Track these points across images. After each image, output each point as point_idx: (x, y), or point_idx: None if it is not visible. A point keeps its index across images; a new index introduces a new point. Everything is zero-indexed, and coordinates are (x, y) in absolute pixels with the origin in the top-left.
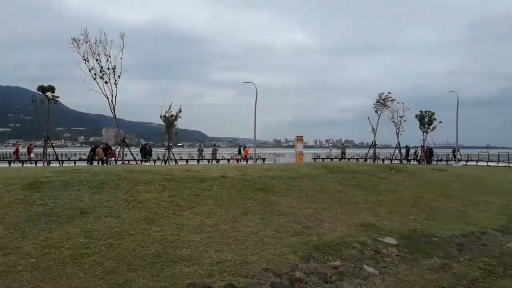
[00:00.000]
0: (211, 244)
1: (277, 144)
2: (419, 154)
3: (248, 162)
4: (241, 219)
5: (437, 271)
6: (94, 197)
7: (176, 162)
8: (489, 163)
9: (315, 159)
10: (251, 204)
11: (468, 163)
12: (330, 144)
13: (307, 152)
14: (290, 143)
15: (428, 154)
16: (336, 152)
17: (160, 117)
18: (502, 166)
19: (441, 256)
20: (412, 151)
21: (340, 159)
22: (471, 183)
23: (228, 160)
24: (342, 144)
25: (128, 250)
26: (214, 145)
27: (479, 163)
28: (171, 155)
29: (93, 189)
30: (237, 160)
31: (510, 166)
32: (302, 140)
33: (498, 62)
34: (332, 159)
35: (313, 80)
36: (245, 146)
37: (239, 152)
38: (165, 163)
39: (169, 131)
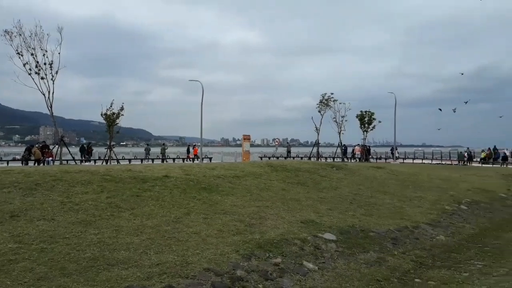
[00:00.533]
0: (151, 245)
1: (225, 143)
2: (356, 153)
3: (195, 162)
4: (184, 219)
5: (373, 264)
6: (26, 200)
7: (118, 162)
8: (424, 161)
9: (261, 157)
10: (194, 204)
11: (405, 161)
12: (276, 143)
13: (254, 151)
14: (238, 142)
15: (366, 152)
16: (282, 151)
17: (101, 115)
18: (435, 164)
19: (377, 250)
20: (349, 150)
21: (285, 158)
22: (406, 180)
23: (183, 159)
24: (287, 143)
25: (62, 254)
26: (164, 144)
27: (415, 161)
28: (113, 155)
29: (25, 191)
30: (183, 159)
31: (442, 164)
32: (249, 139)
33: (433, 65)
34: (278, 157)
35: (261, 79)
36: (195, 145)
37: (188, 151)
38: (106, 163)
39: (110, 129)
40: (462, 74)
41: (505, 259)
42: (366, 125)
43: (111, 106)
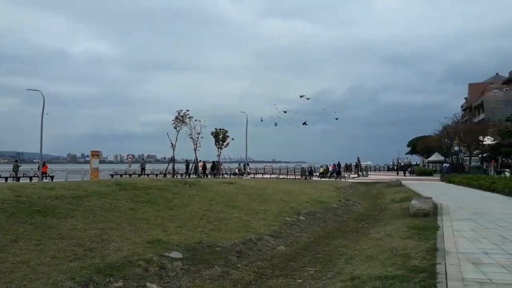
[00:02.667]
0: None
1: (72, 159)
2: (200, 169)
3: (33, 181)
4: (10, 247)
5: (217, 279)
6: None
7: None
8: (272, 176)
9: (112, 175)
10: (24, 229)
11: (255, 176)
12: (129, 159)
13: (104, 168)
14: (88, 158)
15: (204, 168)
16: (136, 167)
17: None
18: (281, 178)
19: (221, 265)
20: (191, 166)
21: (139, 175)
22: (254, 194)
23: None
24: (143, 159)
25: None
26: (16, 160)
27: (264, 176)
28: None
29: None
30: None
31: (287, 178)
32: (99, 155)
33: (279, 88)
34: (130, 175)
35: (114, 92)
36: (44, 162)
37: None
38: None
39: None
40: (302, 96)
41: (332, 263)
42: (221, 142)
43: None
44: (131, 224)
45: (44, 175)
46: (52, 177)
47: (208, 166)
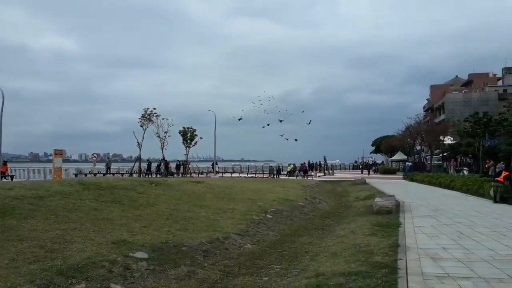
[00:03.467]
0: None
1: (34, 158)
2: (162, 168)
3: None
4: None
5: (183, 278)
6: None
7: None
8: (241, 174)
9: (76, 174)
10: None
11: (224, 175)
12: (94, 158)
13: (68, 167)
14: (51, 158)
15: (167, 167)
16: (101, 166)
17: None
18: (250, 177)
19: (188, 264)
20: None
21: (104, 174)
22: (222, 193)
23: None
24: (108, 158)
25: None
26: None
27: (233, 175)
28: None
29: None
30: None
31: (255, 177)
32: (62, 154)
33: (248, 87)
34: (95, 174)
35: (78, 89)
36: (5, 161)
37: None
38: None
39: None
40: (271, 99)
41: (298, 260)
42: (189, 141)
43: None
44: (95, 224)
45: (3, 174)
46: (12, 177)
47: (173, 165)
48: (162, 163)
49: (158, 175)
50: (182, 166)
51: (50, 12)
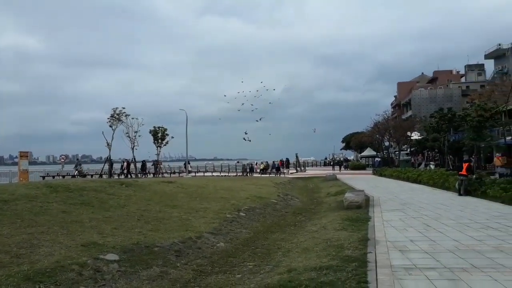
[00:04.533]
0: None
1: None
2: (124, 167)
3: None
4: None
5: (155, 279)
6: None
7: None
8: (214, 173)
9: (43, 177)
10: None
11: (197, 174)
12: (63, 160)
13: (35, 170)
14: (16, 160)
15: (128, 167)
16: (70, 168)
17: None
18: (223, 175)
19: (160, 265)
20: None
21: (73, 176)
22: (194, 192)
23: None
24: (77, 159)
25: None
26: None
27: (206, 174)
28: None
29: None
30: None
31: (228, 176)
32: (27, 156)
33: (218, 85)
34: (64, 176)
35: (42, 90)
36: None
37: None
38: None
39: None
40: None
41: (270, 257)
42: (160, 141)
43: None
44: (64, 227)
45: None
46: None
47: (139, 165)
48: (124, 163)
49: (120, 176)
50: (149, 166)
51: (12, 11)
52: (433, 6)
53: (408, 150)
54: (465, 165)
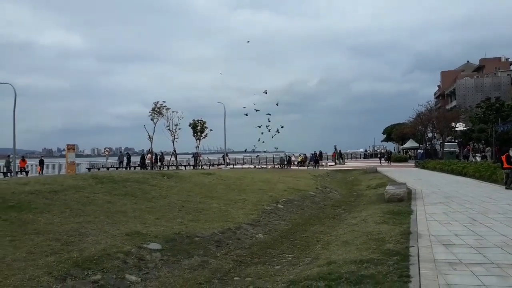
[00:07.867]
0: None
1: (48, 153)
2: (147, 161)
3: (11, 176)
4: None
5: (196, 268)
6: None
7: None
8: (251, 165)
9: (89, 169)
10: None
11: (235, 166)
12: (107, 153)
13: (81, 162)
14: (64, 153)
15: (156, 160)
16: (114, 160)
17: None
18: (260, 168)
19: (201, 254)
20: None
21: (117, 168)
22: (232, 184)
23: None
24: (120, 152)
25: None
26: (8, 156)
27: (244, 166)
28: None
29: None
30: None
31: (265, 167)
32: (74, 148)
33: (252, 79)
34: (108, 168)
35: (84, 85)
36: (23, 157)
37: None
38: None
39: None
40: (266, 92)
41: (309, 249)
42: (199, 134)
43: None
44: (109, 217)
45: (22, 170)
46: (27, 172)
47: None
48: (146, 156)
49: (143, 168)
50: (188, 158)
51: (54, 9)
52: None
53: (453, 141)
54: (503, 158)
